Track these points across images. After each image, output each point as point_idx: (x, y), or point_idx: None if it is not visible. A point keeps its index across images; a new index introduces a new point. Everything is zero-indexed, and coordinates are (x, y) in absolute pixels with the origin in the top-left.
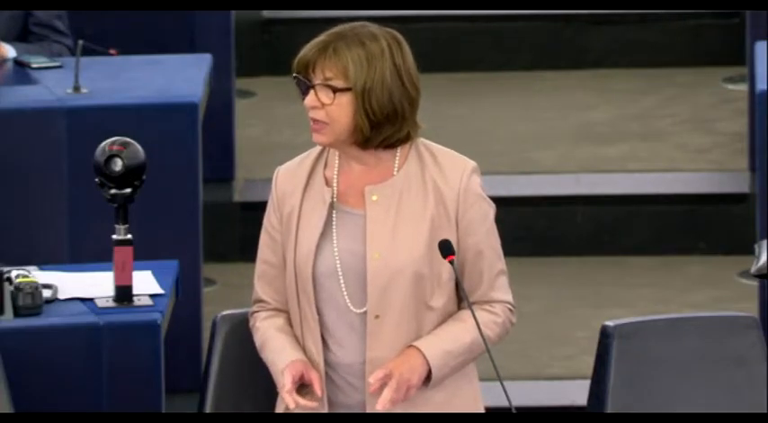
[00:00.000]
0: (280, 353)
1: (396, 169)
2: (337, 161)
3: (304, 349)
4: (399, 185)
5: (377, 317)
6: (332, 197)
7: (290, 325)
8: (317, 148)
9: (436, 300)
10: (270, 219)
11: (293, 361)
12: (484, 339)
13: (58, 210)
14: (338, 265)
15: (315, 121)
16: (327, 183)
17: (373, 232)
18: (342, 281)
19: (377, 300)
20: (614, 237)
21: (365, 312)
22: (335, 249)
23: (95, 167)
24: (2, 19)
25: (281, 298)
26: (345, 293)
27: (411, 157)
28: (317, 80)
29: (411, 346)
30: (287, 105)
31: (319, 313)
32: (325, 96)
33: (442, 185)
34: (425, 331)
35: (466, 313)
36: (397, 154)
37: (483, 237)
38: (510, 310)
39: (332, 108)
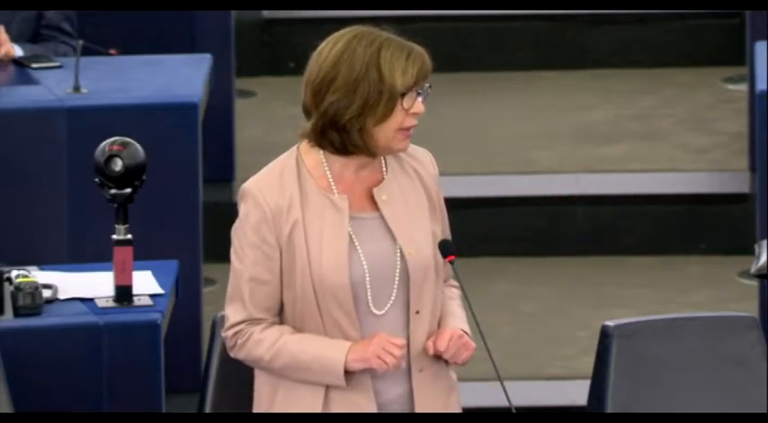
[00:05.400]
0: (326, 344)
1: (384, 166)
2: (328, 170)
3: None
4: (396, 181)
5: (417, 312)
6: (348, 205)
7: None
8: (291, 157)
9: (440, 287)
10: (264, 237)
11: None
12: (482, 334)
13: (58, 210)
14: (366, 273)
15: (411, 128)
16: (328, 191)
17: (400, 230)
18: (368, 287)
19: (417, 295)
20: (614, 237)
21: (386, 313)
22: (362, 257)
23: (95, 167)
24: (15, 21)
25: (274, 313)
26: (370, 298)
27: None
28: (423, 81)
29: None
30: (287, 105)
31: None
32: (423, 99)
33: (422, 173)
34: None
35: (449, 290)
36: None
37: (446, 220)
38: None
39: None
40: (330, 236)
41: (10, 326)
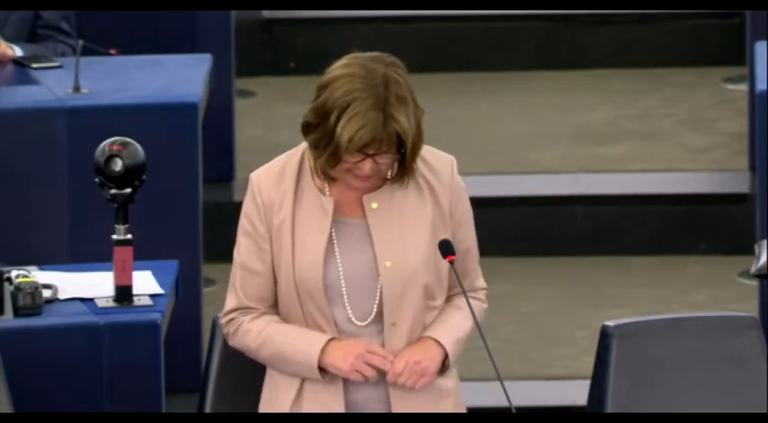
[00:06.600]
0: (306, 336)
1: (388, 174)
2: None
3: None
4: (396, 190)
5: (393, 324)
6: (332, 207)
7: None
8: (296, 154)
9: (439, 299)
10: (256, 227)
11: (357, 341)
12: (482, 335)
13: (58, 210)
14: (342, 278)
15: (366, 178)
16: (321, 192)
17: (380, 240)
18: (345, 294)
19: (393, 308)
20: (614, 237)
21: (368, 324)
22: (339, 261)
23: (95, 167)
24: (11, 21)
25: (268, 304)
26: (348, 307)
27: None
28: (374, 150)
29: (426, 336)
30: (287, 105)
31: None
32: (384, 160)
33: (434, 184)
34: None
35: (459, 300)
36: None
37: (469, 230)
38: (486, 294)
39: (386, 165)
40: (312, 235)
41: (10, 326)
